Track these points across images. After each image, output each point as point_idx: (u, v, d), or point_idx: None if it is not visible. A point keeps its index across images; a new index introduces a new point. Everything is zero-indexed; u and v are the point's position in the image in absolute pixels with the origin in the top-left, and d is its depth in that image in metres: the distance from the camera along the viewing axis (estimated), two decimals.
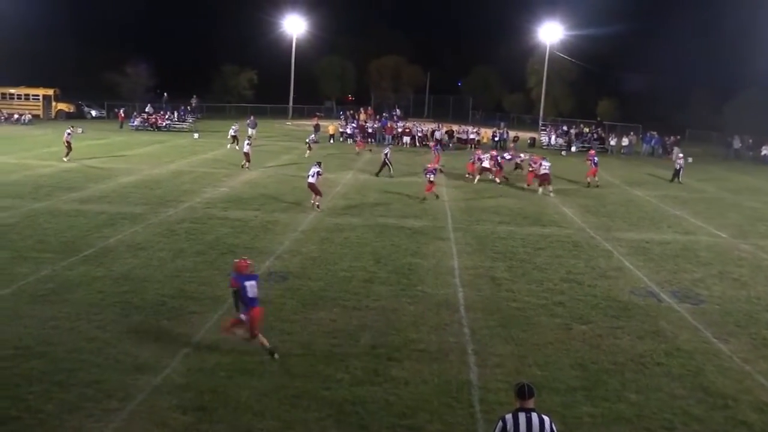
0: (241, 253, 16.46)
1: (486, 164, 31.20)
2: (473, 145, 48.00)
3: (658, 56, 69.67)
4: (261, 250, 17.00)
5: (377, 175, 30.96)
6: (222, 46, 77.98)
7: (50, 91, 60.29)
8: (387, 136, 49.80)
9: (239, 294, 10.49)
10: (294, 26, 72.68)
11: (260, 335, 10.60)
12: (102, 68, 71.73)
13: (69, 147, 31.52)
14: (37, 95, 60.16)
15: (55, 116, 59.40)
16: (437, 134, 49.62)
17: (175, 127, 54.19)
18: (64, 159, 31.11)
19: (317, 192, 22.86)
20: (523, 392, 6.51)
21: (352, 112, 61.73)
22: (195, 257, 16.06)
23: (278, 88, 75.47)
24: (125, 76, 73.19)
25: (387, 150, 32.97)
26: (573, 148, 51.00)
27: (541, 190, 28.10)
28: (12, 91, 60.08)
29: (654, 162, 45.89)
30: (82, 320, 11.79)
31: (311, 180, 22.88)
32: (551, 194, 27.66)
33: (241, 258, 11.18)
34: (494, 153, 32.24)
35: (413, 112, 78.25)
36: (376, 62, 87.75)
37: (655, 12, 66.07)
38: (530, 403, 6.49)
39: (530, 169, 30.50)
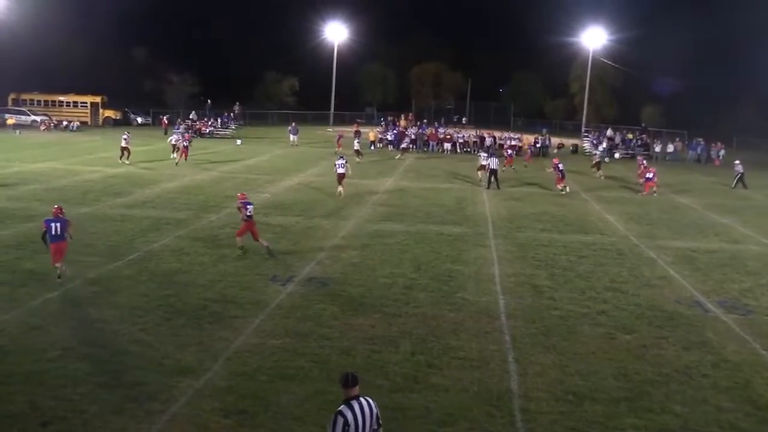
0: (283, 258, 16.62)
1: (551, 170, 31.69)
2: (516, 152, 47.64)
3: (704, 61, 68.25)
4: (302, 255, 17.10)
5: (488, 187, 30.23)
6: (264, 54, 78.77)
7: (98, 99, 61.70)
8: (431, 143, 49.71)
9: (47, 233, 14.17)
10: (335, 33, 73.25)
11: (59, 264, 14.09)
12: (147, 76, 73.19)
13: (128, 151, 33.74)
14: (85, 102, 61.62)
15: (103, 123, 60.79)
16: (488, 140, 49.11)
17: (218, 134, 54.92)
18: (126, 162, 33.14)
19: (342, 181, 26.04)
20: (347, 381, 6.62)
21: (392, 118, 61.79)
22: (236, 262, 16.22)
23: (319, 94, 76.07)
24: (170, 83, 74.49)
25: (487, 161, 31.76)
26: (617, 155, 50.19)
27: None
28: (61, 98, 61.63)
29: (700, 169, 44.95)
30: (126, 323, 11.99)
31: (341, 171, 26.22)
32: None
33: (56, 206, 14.97)
34: (556, 161, 32.04)
35: (453, 119, 77.96)
36: (417, 69, 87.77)
37: (699, 17, 64.70)
38: (356, 391, 6.62)
39: (647, 177, 31.13)
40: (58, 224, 14.26)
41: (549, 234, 20.96)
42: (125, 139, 33.95)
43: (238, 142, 48.39)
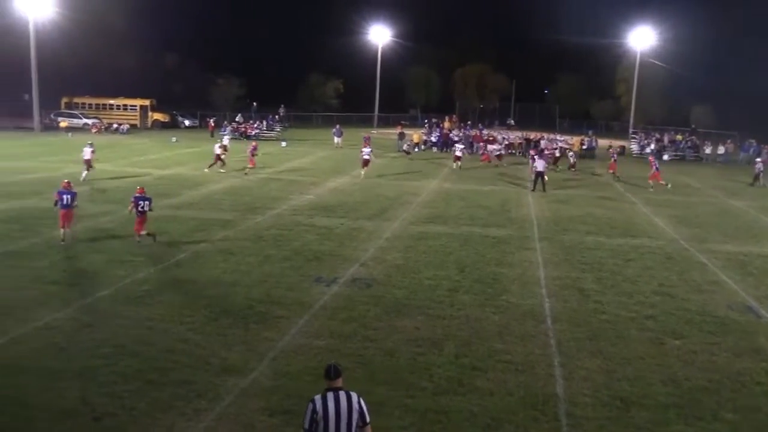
0: (327, 259, 16.71)
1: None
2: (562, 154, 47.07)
3: (757, 59, 66.38)
4: (346, 257, 17.17)
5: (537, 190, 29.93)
6: (309, 56, 79.48)
7: (147, 102, 63.03)
8: (475, 144, 49.47)
9: (59, 202, 17.39)
10: (379, 35, 73.40)
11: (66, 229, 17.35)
12: (194, 79, 74.39)
13: (219, 159, 31.94)
14: (135, 105, 63.02)
15: (151, 126, 62.09)
16: (542, 143, 48.56)
17: (263, 136, 55.48)
18: (221, 170, 31.57)
19: (367, 165, 31.81)
20: (329, 373, 6.68)
21: (436, 120, 61.65)
22: (282, 263, 16.38)
23: (364, 96, 76.36)
24: (217, 86, 75.58)
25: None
26: (665, 157, 49.14)
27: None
28: (111, 101, 63.15)
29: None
30: (174, 321, 12.20)
31: (366, 157, 32.41)
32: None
33: (65, 181, 18.12)
34: (652, 159, 32.00)
35: (498, 120, 77.50)
36: (460, 70, 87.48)
37: (750, 13, 62.99)
38: (338, 383, 6.65)
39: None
40: (68, 195, 17.49)
41: (595, 237, 20.68)
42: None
43: (284, 144, 48.89)
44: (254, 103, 66.74)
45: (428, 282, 15.21)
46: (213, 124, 57.22)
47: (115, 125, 57.33)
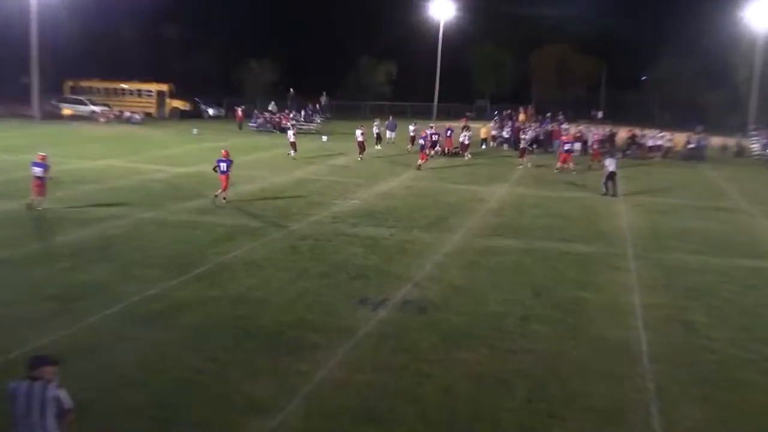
0: (374, 277, 16.67)
1: None
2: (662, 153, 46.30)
3: None
4: (396, 274, 17.11)
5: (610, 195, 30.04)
6: (356, 35, 79.79)
7: (164, 87, 63.82)
8: (555, 141, 48.96)
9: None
10: (441, 10, 73.32)
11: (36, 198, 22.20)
12: (223, 61, 75.36)
13: (362, 147, 39.01)
14: (150, 91, 63.91)
15: (169, 115, 62.97)
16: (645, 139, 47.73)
17: (301, 129, 55.72)
18: (359, 157, 38.47)
19: (363, 149, 37.36)
20: (32, 364, 7.43)
21: (510, 112, 61.23)
22: (320, 280, 16.40)
23: (421, 83, 76.30)
24: (249, 70, 76.18)
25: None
26: None
27: None
28: (123, 86, 64.21)
29: None
30: (190, 348, 12.29)
31: (360, 138, 38.42)
32: None
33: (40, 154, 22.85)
34: None
35: (583, 112, 76.67)
36: (539, 52, 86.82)
37: None
38: (40, 374, 7.31)
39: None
40: (40, 168, 22.42)
41: (705, 257, 20.20)
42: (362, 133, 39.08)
43: (325, 138, 49.25)
44: (291, 90, 67.24)
45: (495, 308, 15.04)
46: (242, 114, 57.80)
47: (127, 114, 58.41)
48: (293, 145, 38.80)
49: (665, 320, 14.78)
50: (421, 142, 38.03)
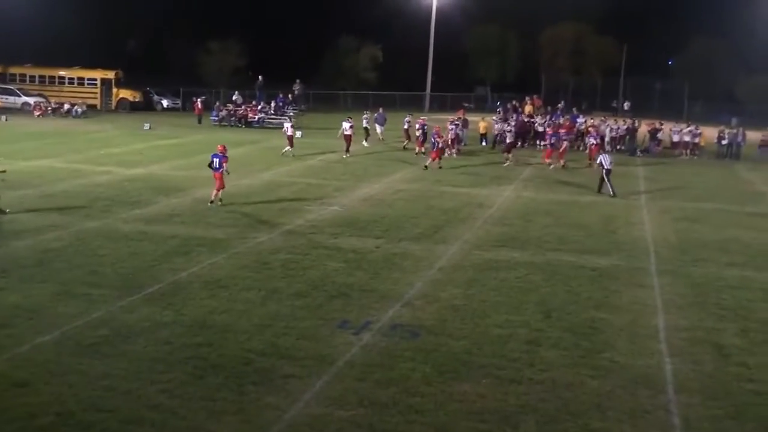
0: (357, 296, 16.72)
1: None
2: (689, 150, 46.55)
3: None
4: (383, 293, 17.17)
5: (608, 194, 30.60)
6: (336, 14, 79.83)
7: (110, 74, 63.45)
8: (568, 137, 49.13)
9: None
10: None
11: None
12: (179, 43, 75.11)
13: (349, 141, 40.34)
14: (94, 79, 63.59)
15: (116, 107, 62.72)
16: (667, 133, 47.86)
17: (270, 123, 55.65)
18: (345, 155, 39.66)
19: (349, 144, 39.32)
20: None
21: (515, 102, 61.37)
22: (294, 300, 16.44)
23: (411, 69, 76.34)
24: (209, 54, 75.85)
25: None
26: None
27: None
28: (62, 73, 63.80)
29: None
30: (142, 380, 12.28)
31: (348, 132, 39.81)
32: None
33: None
34: None
35: (600, 103, 76.98)
36: (549, 32, 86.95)
37: None
38: None
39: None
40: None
41: (741, 270, 20.37)
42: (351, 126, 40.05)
43: (299, 133, 49.21)
44: (259, 77, 67.16)
45: (498, 331, 15.12)
46: (201, 106, 57.59)
47: (66, 106, 58.13)
48: (290, 139, 39.70)
49: (694, 344, 14.88)
50: (432, 140, 37.41)
